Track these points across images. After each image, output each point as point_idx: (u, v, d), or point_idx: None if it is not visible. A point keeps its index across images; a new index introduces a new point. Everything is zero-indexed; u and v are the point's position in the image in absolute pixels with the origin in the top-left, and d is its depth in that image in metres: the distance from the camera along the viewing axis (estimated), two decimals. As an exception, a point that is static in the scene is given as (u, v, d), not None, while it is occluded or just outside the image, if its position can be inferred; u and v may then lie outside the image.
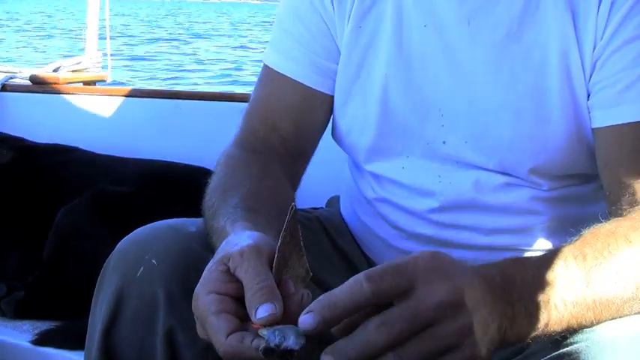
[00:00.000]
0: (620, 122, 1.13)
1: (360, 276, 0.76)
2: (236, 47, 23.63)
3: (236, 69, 17.20)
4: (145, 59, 18.23)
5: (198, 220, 1.16)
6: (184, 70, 16.70)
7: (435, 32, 1.22)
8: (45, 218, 2.18)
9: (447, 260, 0.81)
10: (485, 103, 1.20)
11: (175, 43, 24.51)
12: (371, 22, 1.27)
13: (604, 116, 1.15)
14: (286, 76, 1.30)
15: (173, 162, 2.35)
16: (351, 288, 0.76)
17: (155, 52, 20.40)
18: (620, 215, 1.05)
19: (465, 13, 1.21)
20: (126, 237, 1.15)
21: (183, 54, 20.65)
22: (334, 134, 1.35)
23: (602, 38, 1.15)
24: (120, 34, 23.85)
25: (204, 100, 2.58)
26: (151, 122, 2.61)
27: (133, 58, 17.99)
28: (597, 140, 1.17)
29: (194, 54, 20.74)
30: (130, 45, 21.78)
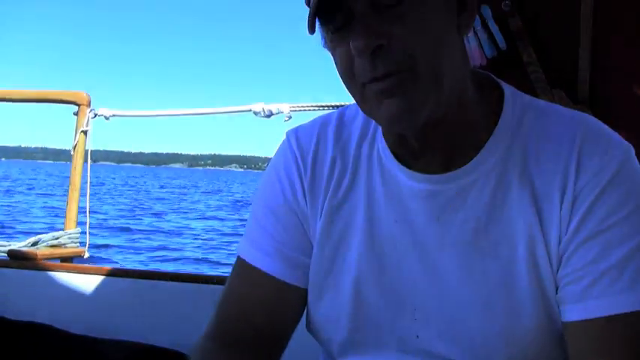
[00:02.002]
0: (585, 317, 1.13)
1: None
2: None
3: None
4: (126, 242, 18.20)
5: None
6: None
7: (405, 228, 1.23)
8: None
9: None
10: (457, 298, 1.20)
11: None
12: (343, 216, 1.28)
13: (570, 311, 1.15)
14: (259, 269, 1.30)
15: (149, 345, 2.33)
16: None
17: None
18: None
19: (434, 210, 1.21)
20: None
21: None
22: (308, 326, 1.34)
23: (566, 233, 1.15)
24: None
25: (181, 281, 2.59)
26: (128, 302, 2.61)
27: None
28: (566, 333, 1.16)
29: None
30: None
